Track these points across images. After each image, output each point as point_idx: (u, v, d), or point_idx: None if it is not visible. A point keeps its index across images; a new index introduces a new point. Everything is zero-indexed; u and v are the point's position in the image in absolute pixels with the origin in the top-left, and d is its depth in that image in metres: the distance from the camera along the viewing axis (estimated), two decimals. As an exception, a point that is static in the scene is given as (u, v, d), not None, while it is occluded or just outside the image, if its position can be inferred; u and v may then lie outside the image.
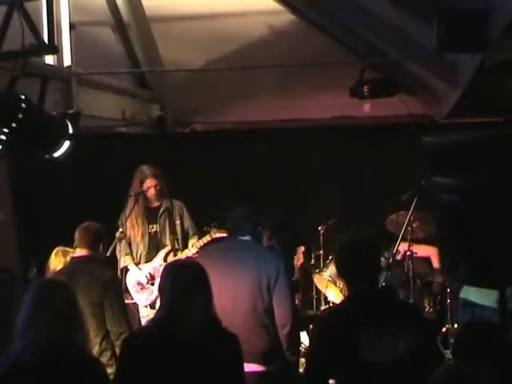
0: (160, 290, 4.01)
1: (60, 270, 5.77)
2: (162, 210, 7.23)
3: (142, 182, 7.17)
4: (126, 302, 7.04)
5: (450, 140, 5.22)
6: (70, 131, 5.06)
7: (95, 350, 5.22)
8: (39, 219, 8.85)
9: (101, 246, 5.75)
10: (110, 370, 4.61)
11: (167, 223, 7.20)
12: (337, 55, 7.13)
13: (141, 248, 7.22)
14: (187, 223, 7.33)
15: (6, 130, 4.69)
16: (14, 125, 4.63)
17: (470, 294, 6.08)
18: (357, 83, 7.09)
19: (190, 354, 3.77)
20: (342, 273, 4.25)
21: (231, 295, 5.18)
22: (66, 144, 5.07)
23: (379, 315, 3.92)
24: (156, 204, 7.26)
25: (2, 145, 4.80)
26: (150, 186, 7.15)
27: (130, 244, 7.23)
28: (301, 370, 5.51)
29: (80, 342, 3.83)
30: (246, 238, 5.43)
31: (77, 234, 5.77)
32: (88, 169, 8.25)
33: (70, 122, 5.08)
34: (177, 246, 7.15)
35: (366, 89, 7.07)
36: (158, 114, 8.21)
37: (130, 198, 7.20)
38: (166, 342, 3.79)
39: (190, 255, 7.02)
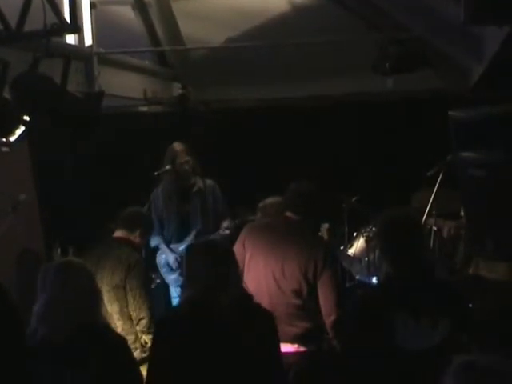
0: (185, 269, 4.03)
1: (92, 249, 5.77)
2: (194, 189, 7.03)
3: (174, 159, 6.95)
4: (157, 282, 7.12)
5: (476, 114, 5.16)
6: (94, 111, 5.03)
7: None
8: (62, 200, 8.86)
9: (138, 232, 5.72)
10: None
11: (200, 203, 7.03)
12: (358, 31, 7.07)
13: (172, 227, 7.08)
14: (220, 205, 7.13)
15: (29, 111, 4.68)
16: (37, 106, 4.61)
17: None
18: (378, 59, 7.01)
19: (223, 331, 3.77)
20: (385, 252, 4.12)
21: (276, 276, 5.09)
22: (90, 124, 5.05)
23: (417, 301, 3.82)
24: (189, 183, 7.05)
25: (25, 126, 4.79)
26: (182, 161, 6.94)
27: (161, 223, 7.08)
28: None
29: (103, 318, 3.86)
30: (298, 217, 5.23)
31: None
32: (110, 148, 8.23)
33: (94, 102, 5.05)
34: (208, 227, 6.97)
35: (388, 64, 6.98)
36: (180, 92, 8.20)
37: (162, 176, 7.02)
38: (198, 320, 3.80)
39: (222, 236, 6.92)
